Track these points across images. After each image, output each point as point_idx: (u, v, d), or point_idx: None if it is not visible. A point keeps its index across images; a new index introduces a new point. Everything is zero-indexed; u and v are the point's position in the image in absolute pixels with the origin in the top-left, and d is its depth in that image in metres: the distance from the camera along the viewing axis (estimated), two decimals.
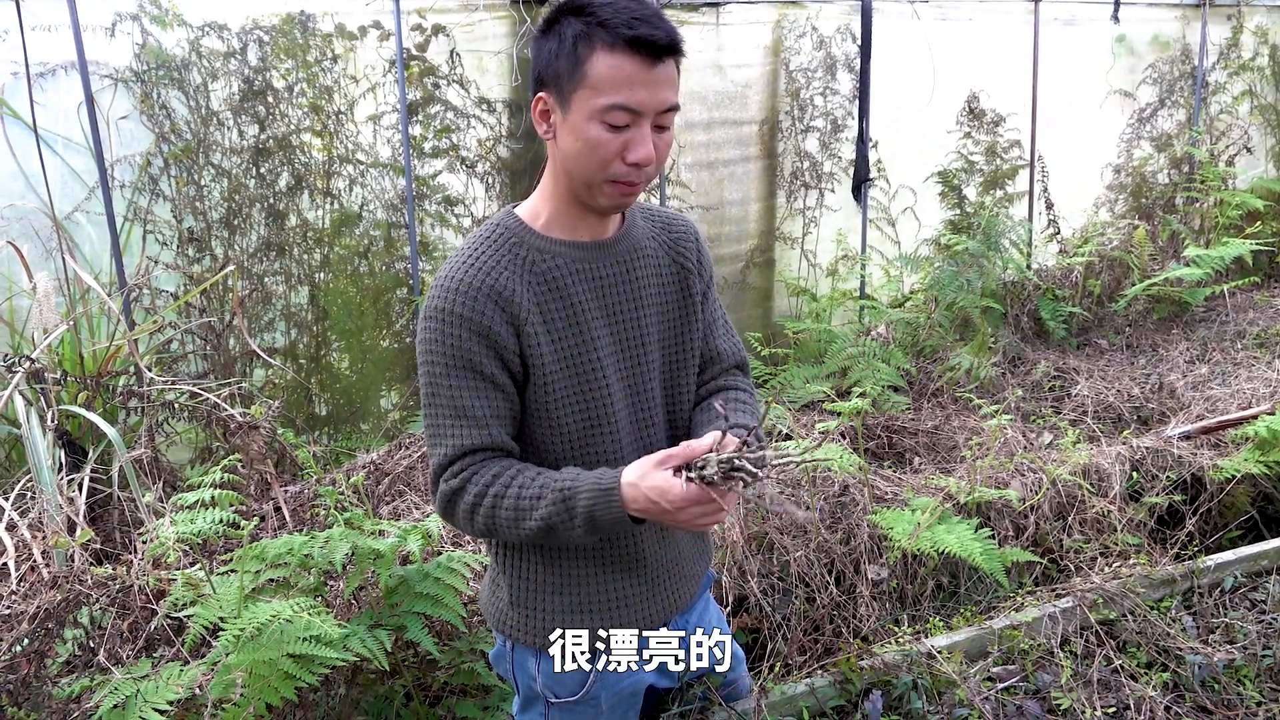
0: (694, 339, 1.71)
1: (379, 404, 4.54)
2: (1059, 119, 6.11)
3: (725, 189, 5.25)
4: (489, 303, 1.49)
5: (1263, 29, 6.76)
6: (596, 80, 1.41)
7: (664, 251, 1.69)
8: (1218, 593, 2.94)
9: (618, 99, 1.41)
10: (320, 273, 4.34)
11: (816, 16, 5.27)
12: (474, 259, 1.53)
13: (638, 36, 1.39)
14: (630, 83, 1.41)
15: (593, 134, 1.43)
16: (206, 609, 2.18)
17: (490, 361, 1.51)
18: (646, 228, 1.69)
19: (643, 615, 1.71)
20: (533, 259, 1.55)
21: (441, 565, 2.58)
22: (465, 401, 1.52)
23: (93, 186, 3.86)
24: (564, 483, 1.47)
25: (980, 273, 5.08)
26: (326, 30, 4.17)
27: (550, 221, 1.58)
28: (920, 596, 3.15)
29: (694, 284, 1.71)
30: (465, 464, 1.54)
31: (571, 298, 1.56)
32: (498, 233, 1.57)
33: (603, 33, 1.40)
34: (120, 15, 3.82)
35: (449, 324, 1.49)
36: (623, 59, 1.40)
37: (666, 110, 1.46)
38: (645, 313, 1.64)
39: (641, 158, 1.45)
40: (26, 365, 3.14)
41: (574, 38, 1.42)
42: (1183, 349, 5.25)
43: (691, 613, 1.84)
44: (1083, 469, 3.56)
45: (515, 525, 1.50)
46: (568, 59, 1.43)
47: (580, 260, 1.58)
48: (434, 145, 4.48)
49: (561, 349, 1.55)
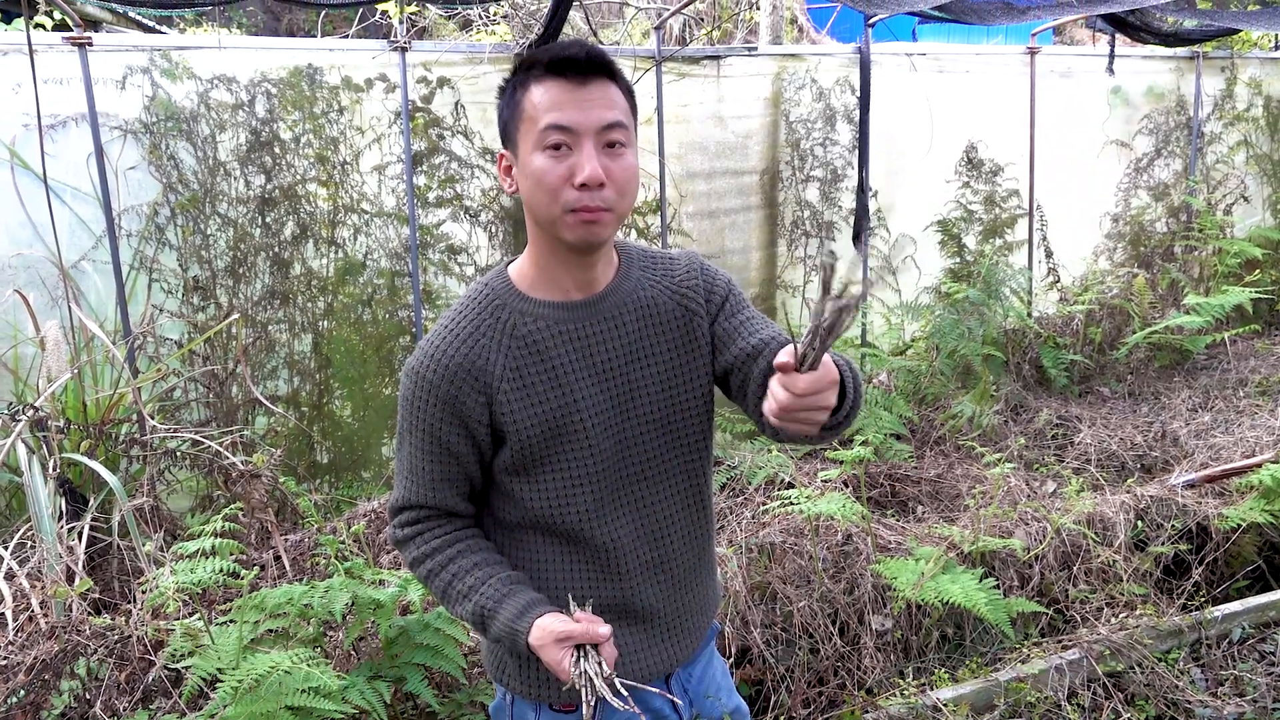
0: (698, 381, 1.69)
1: (380, 452, 4.53)
2: (1057, 168, 6.18)
3: (727, 237, 5.29)
4: (463, 375, 1.55)
5: (1256, 80, 6.85)
6: (531, 111, 1.47)
7: (666, 297, 1.67)
8: (1226, 644, 2.92)
9: (550, 119, 1.45)
10: (324, 321, 4.36)
11: (816, 69, 5.35)
12: (457, 325, 1.58)
13: (559, 59, 1.46)
14: (560, 104, 1.45)
15: (538, 164, 1.47)
16: (205, 660, 2.16)
17: (451, 431, 1.57)
18: (644, 277, 1.68)
19: (644, 666, 1.69)
20: (514, 322, 1.58)
21: (442, 615, 2.56)
22: (417, 461, 1.61)
23: (100, 235, 3.90)
24: (486, 599, 1.55)
25: (981, 320, 5.09)
26: (333, 83, 4.24)
27: (535, 281, 1.60)
28: (925, 647, 3.12)
29: (699, 325, 1.68)
30: (415, 515, 1.64)
31: (552, 360, 1.58)
32: (484, 294, 1.61)
33: (534, 70, 1.49)
34: (131, 69, 3.89)
35: (419, 387, 1.56)
36: (549, 84, 1.46)
37: (609, 127, 1.47)
38: (637, 365, 1.63)
39: (587, 176, 1.44)
40: (30, 414, 3.14)
41: (514, 86, 1.52)
42: (1185, 397, 5.24)
43: (695, 665, 1.82)
44: (1087, 518, 3.54)
45: (445, 601, 1.62)
46: (510, 107, 1.52)
47: (564, 321, 1.59)
48: (438, 195, 4.53)
49: (542, 411, 1.57)
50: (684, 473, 1.70)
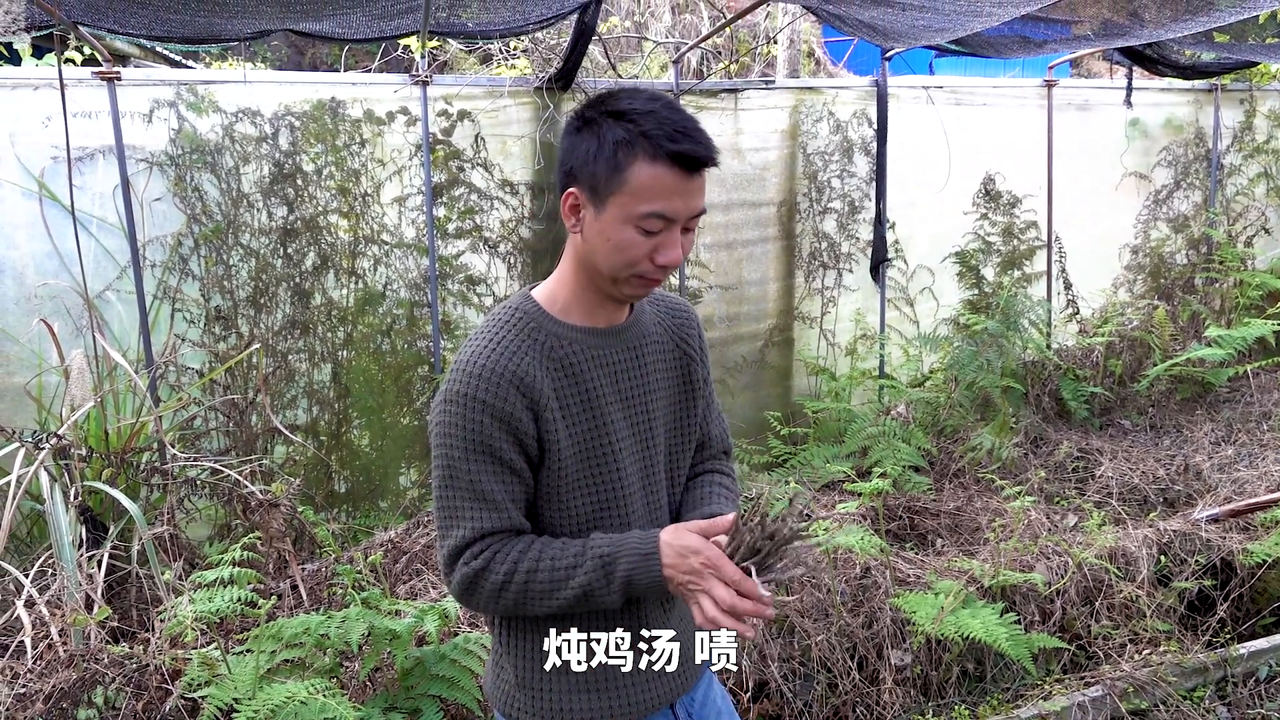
0: (694, 422, 1.76)
1: (398, 481, 4.54)
2: (1075, 200, 6.17)
3: (744, 269, 5.31)
4: (512, 389, 1.52)
5: (1275, 113, 6.83)
6: (636, 188, 1.45)
7: (668, 336, 1.74)
8: (1253, 682, 2.87)
9: (655, 208, 1.45)
10: (343, 350, 4.39)
11: (833, 101, 5.38)
12: (496, 343, 1.55)
13: (681, 152, 1.43)
14: (669, 193, 1.45)
15: (626, 236, 1.48)
16: (222, 689, 2.16)
17: (509, 447, 1.53)
18: (652, 313, 1.74)
19: (650, 696, 1.70)
20: (550, 345, 1.58)
21: (458, 647, 2.55)
22: (484, 486, 1.53)
23: (124, 266, 3.95)
24: (602, 549, 1.51)
25: (1000, 352, 5.07)
26: (356, 115, 4.30)
27: (567, 307, 1.62)
28: (945, 683, 3.08)
29: (696, 370, 1.76)
30: (484, 545, 1.55)
31: (587, 384, 1.59)
32: (516, 316, 1.60)
33: (645, 143, 1.44)
34: (158, 102, 3.95)
35: (471, 409, 1.51)
36: (663, 170, 1.44)
37: (696, 215, 1.52)
38: (653, 397, 1.68)
39: (670, 260, 1.50)
40: (53, 442, 3.17)
41: (615, 143, 1.46)
42: (1207, 430, 5.19)
43: (696, 691, 1.83)
44: (1109, 552, 3.50)
45: (549, 596, 1.52)
46: (607, 163, 1.46)
47: (595, 347, 1.61)
48: (457, 226, 4.57)
49: (577, 435, 1.58)
50: (674, 501, 1.76)
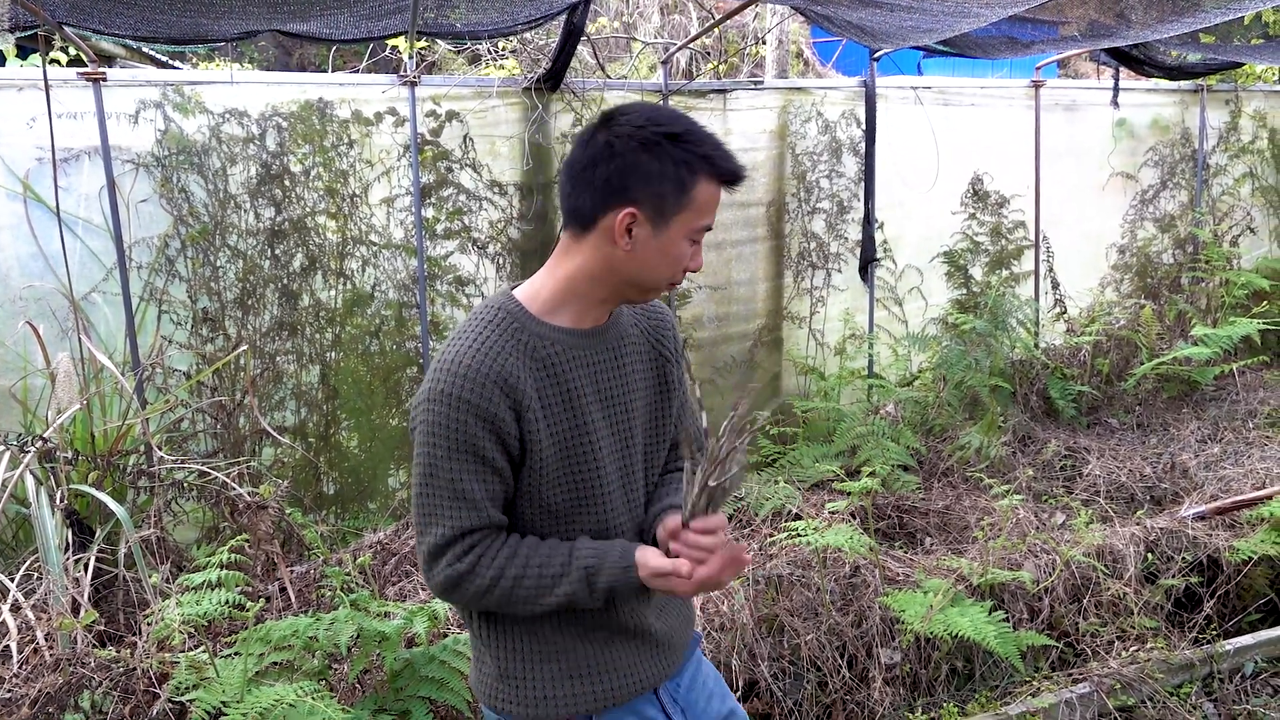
0: (669, 421, 1.79)
1: (387, 483, 4.53)
2: (1063, 200, 6.19)
3: (733, 269, 5.31)
4: (496, 389, 1.53)
5: (1260, 113, 6.88)
6: (700, 205, 1.58)
7: (645, 338, 1.77)
8: (1239, 678, 2.89)
9: (707, 220, 1.61)
10: (331, 352, 4.38)
11: (822, 102, 5.39)
12: (480, 343, 1.57)
13: (734, 172, 1.59)
14: (714, 208, 1.61)
15: (683, 249, 1.60)
16: (209, 693, 2.16)
17: (492, 446, 1.55)
18: (629, 314, 1.76)
19: (633, 680, 1.71)
20: (533, 345, 1.60)
21: (447, 648, 2.55)
22: (464, 485, 1.55)
23: (110, 267, 3.93)
24: (587, 559, 1.58)
25: (988, 352, 5.09)
26: (343, 116, 4.28)
27: (552, 309, 1.64)
28: (934, 681, 3.09)
29: (672, 370, 1.79)
30: (467, 544, 1.57)
31: (569, 384, 1.61)
32: (500, 316, 1.61)
33: (707, 165, 1.56)
34: (144, 103, 3.93)
35: (454, 408, 1.52)
36: (714, 189, 1.59)
37: None
38: (632, 397, 1.70)
39: (699, 266, 1.65)
40: (38, 445, 3.15)
41: (681, 164, 1.55)
42: (1194, 428, 5.22)
43: (682, 675, 1.84)
44: (1096, 550, 3.51)
45: (533, 601, 1.58)
46: (674, 183, 1.55)
47: (577, 347, 1.63)
48: (446, 227, 4.56)
49: (558, 434, 1.60)
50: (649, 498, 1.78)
